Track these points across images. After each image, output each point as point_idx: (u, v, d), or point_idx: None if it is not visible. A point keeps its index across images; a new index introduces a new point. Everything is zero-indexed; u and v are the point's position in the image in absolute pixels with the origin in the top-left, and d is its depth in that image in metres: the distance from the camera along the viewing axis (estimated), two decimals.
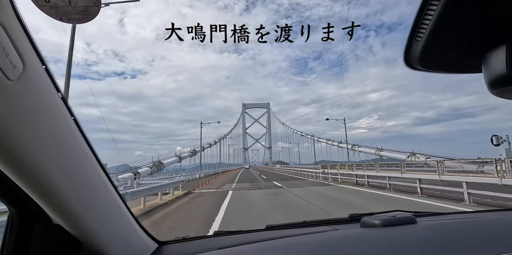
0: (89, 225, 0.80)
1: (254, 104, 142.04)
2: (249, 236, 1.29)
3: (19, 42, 0.54)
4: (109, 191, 0.89)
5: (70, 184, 0.70)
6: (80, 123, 0.76)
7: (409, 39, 0.47)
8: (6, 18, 0.50)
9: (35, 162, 0.59)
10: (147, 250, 1.12)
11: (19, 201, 0.72)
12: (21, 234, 0.77)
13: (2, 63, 0.49)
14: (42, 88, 0.61)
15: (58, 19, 0.61)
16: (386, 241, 1.01)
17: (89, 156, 0.79)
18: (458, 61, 0.47)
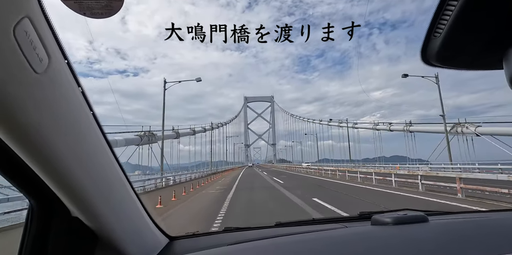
0: (105, 218, 0.81)
1: (256, 98, 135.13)
2: (258, 232, 1.30)
3: (45, 36, 0.55)
4: (124, 186, 0.91)
5: (87, 176, 0.71)
6: (98, 118, 0.77)
7: (427, 35, 0.47)
8: (32, 12, 0.51)
9: (55, 153, 0.61)
10: (159, 245, 1.13)
11: (39, 193, 0.73)
12: (41, 226, 0.78)
13: (30, 56, 0.50)
14: (65, 82, 0.62)
15: (81, 14, 0.62)
16: (397, 239, 1.01)
17: (106, 151, 0.80)
18: (478, 57, 0.46)
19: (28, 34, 0.49)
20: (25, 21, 0.49)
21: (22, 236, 0.79)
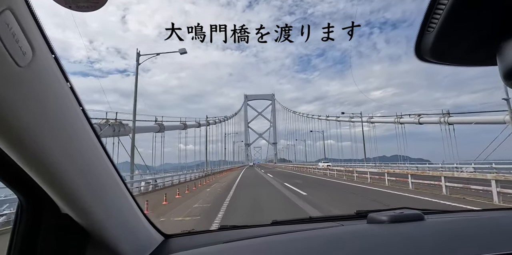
0: (96, 215, 0.80)
1: (257, 96, 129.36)
2: (254, 230, 1.30)
3: (29, 29, 0.54)
4: (116, 182, 0.90)
5: (77, 172, 0.70)
6: (88, 113, 0.76)
7: (420, 30, 0.46)
8: (14, 4, 0.50)
9: (44, 149, 0.60)
10: (153, 243, 1.12)
11: (28, 189, 0.73)
12: (30, 222, 0.77)
13: (12, 49, 0.49)
14: (51, 76, 0.61)
15: (67, 7, 0.61)
16: (393, 237, 1.00)
17: (96, 146, 0.79)
18: (472, 52, 0.45)
19: (10, 27, 0.49)
20: (6, 13, 0.48)
21: (11, 234, 0.78)
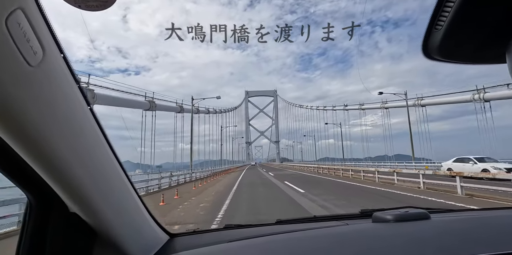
0: (104, 214, 0.80)
1: (259, 92, 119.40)
2: (258, 230, 1.30)
3: (39, 28, 0.54)
4: (123, 182, 0.90)
5: (86, 171, 0.71)
6: (95, 113, 0.76)
7: (428, 28, 0.45)
8: (25, 4, 0.51)
9: (53, 147, 0.60)
10: (159, 242, 1.13)
11: (37, 189, 0.73)
12: (39, 221, 0.77)
13: (23, 48, 0.49)
14: (61, 76, 0.62)
15: (76, 7, 0.61)
16: (399, 236, 0.99)
17: (104, 146, 0.79)
18: (481, 50, 0.45)
19: (21, 26, 0.49)
20: (18, 13, 0.48)
21: (20, 232, 0.78)
